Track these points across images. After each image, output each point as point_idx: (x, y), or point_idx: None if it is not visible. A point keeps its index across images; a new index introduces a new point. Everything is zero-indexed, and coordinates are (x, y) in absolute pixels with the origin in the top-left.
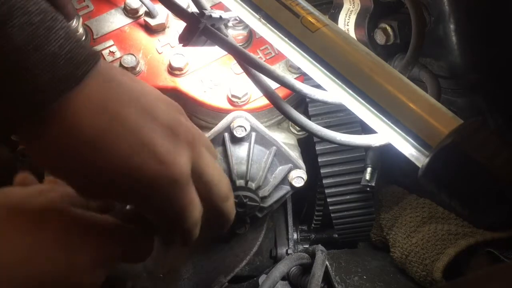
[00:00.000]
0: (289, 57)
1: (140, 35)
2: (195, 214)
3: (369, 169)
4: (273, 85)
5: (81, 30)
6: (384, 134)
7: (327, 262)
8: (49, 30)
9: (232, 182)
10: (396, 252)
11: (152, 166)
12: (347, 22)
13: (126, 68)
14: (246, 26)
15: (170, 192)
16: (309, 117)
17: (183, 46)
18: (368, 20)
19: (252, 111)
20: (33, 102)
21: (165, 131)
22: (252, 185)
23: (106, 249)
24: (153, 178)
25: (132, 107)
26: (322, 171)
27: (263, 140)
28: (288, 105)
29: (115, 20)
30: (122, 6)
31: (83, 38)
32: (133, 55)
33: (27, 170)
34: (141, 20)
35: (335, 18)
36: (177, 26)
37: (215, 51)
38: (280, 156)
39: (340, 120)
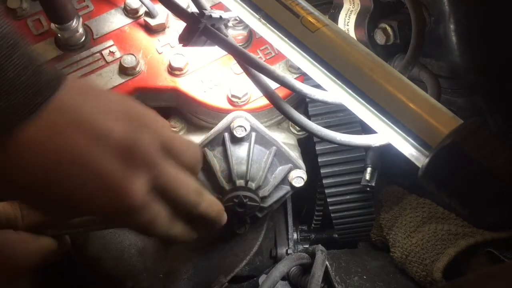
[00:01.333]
0: (289, 57)
1: (140, 35)
2: (162, 224)
3: (369, 169)
4: (273, 85)
5: (81, 30)
6: (384, 134)
7: (327, 262)
8: (7, 57)
9: (232, 182)
10: (396, 252)
11: (104, 196)
12: (347, 22)
13: (126, 68)
14: (246, 26)
15: (127, 217)
16: (309, 117)
17: (183, 46)
18: (368, 20)
19: (252, 111)
20: None
21: (118, 155)
22: (252, 185)
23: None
24: (106, 208)
25: (83, 133)
26: (322, 171)
27: (263, 140)
28: (288, 105)
29: (115, 20)
30: (122, 6)
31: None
32: (133, 55)
33: None
34: (141, 20)
35: (335, 18)
36: (177, 26)
37: (215, 51)
38: (280, 156)
39: (340, 120)
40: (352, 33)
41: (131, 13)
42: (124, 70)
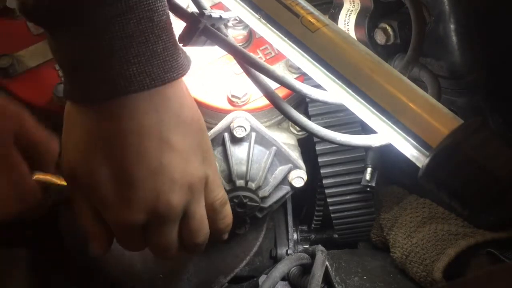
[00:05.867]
0: (289, 57)
1: None
2: (170, 248)
3: (369, 169)
4: (273, 85)
5: None
6: (384, 134)
7: (327, 262)
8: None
9: (232, 182)
10: (396, 252)
11: (150, 190)
12: (347, 22)
13: None
14: (246, 26)
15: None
16: (309, 117)
17: (183, 46)
18: (368, 20)
19: (252, 111)
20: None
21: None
22: (252, 185)
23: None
24: (146, 202)
25: (161, 150)
26: (322, 171)
27: (263, 140)
28: (288, 105)
29: None
30: None
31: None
32: None
33: None
34: None
35: (335, 18)
36: (177, 26)
37: (215, 51)
38: (280, 156)
39: (340, 120)
40: (352, 33)
41: None
42: None
